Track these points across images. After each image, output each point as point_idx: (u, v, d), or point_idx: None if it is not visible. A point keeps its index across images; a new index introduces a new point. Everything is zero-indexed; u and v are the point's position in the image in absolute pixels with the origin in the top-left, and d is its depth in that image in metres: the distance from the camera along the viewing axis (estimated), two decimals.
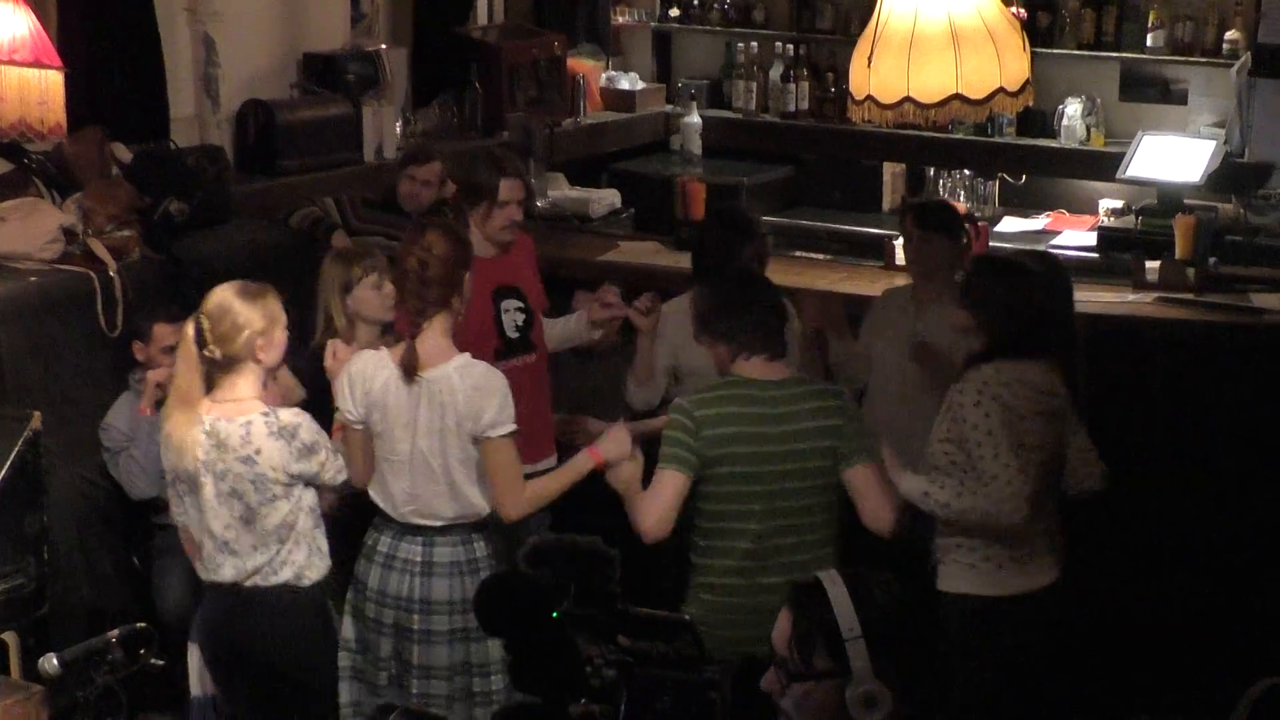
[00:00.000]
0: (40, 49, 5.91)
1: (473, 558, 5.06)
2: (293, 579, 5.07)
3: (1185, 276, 6.99)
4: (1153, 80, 8.69)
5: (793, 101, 9.39)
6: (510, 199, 5.86)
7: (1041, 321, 4.98)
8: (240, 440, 4.92)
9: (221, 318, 4.94)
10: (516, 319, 5.99)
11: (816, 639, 2.90)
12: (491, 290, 5.87)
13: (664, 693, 2.72)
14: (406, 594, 5.04)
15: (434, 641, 5.04)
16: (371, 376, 5.01)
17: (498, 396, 4.92)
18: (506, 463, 4.97)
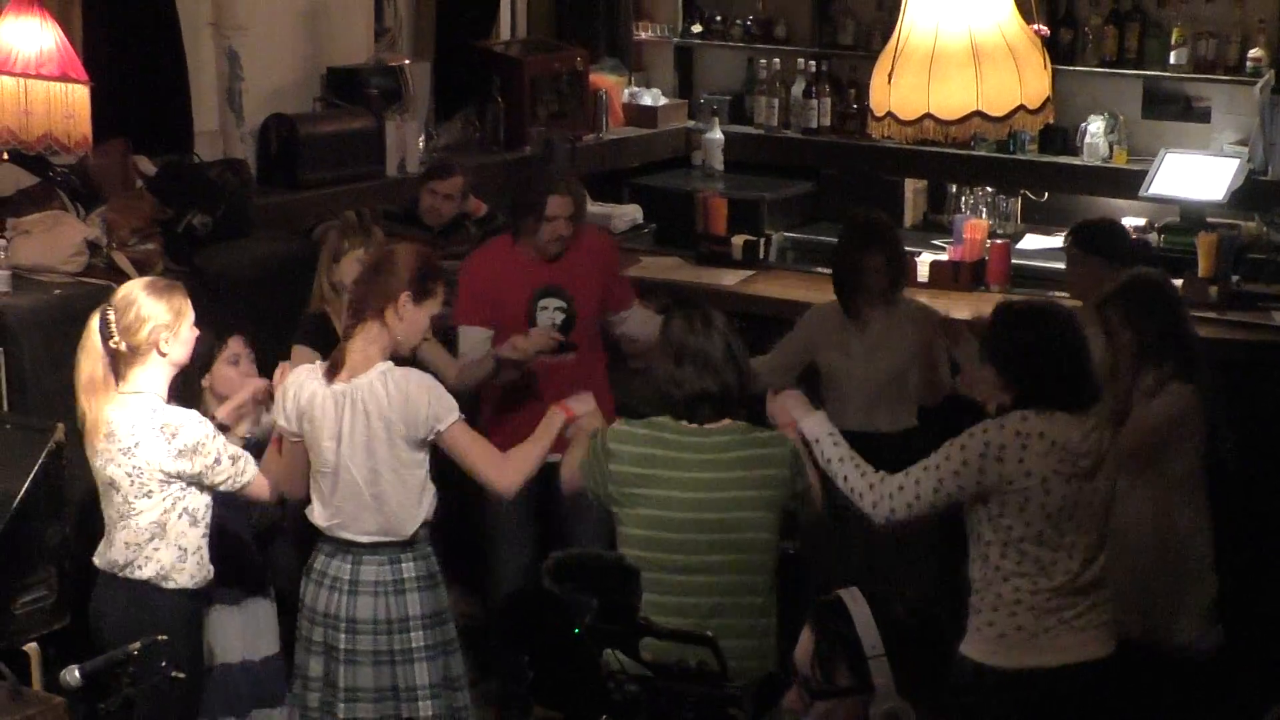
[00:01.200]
0: (67, 63, 5.93)
1: (399, 578, 5.03)
2: (155, 577, 5.08)
3: (1208, 294, 6.99)
4: (1175, 98, 8.67)
5: (814, 117, 9.39)
6: (557, 214, 6.14)
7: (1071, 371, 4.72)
8: (125, 432, 5.00)
9: (126, 309, 5.05)
10: (555, 318, 6.22)
11: (839, 657, 2.90)
12: (532, 290, 6.19)
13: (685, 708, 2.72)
14: (334, 612, 5.03)
15: (359, 662, 5.02)
16: (302, 386, 5.04)
17: (427, 394, 4.95)
18: (469, 444, 5.00)
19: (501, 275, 6.27)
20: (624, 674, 2.77)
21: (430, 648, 5.05)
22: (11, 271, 6.00)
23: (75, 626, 5.45)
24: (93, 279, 6.15)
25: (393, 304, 4.98)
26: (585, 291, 6.27)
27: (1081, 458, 4.64)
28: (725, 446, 4.73)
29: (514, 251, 6.31)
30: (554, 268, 6.25)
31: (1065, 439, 4.62)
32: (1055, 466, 4.61)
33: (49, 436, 5.30)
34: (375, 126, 7.89)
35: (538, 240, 6.20)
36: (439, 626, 5.09)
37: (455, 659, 5.14)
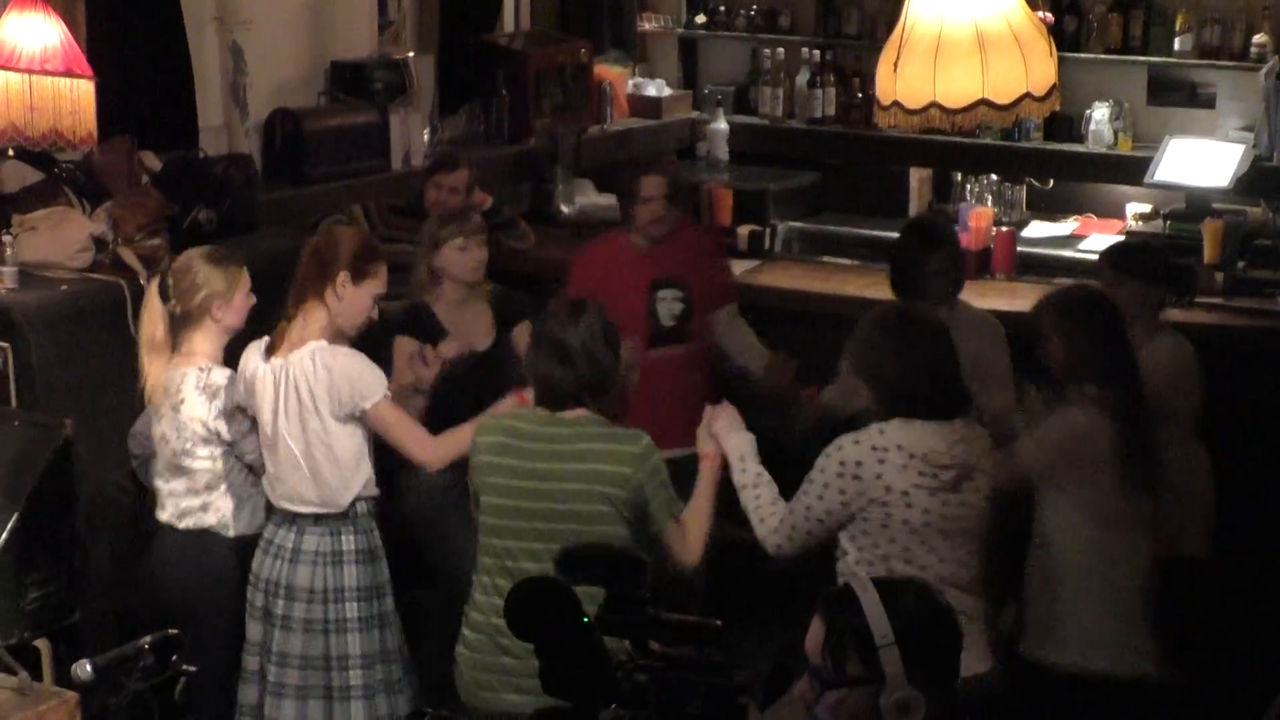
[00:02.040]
0: (71, 58, 5.94)
1: (338, 549, 5.17)
2: (216, 526, 5.34)
3: (1214, 281, 6.99)
4: (1180, 84, 8.67)
5: (819, 107, 9.39)
6: (652, 195, 6.24)
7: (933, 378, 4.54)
8: (174, 390, 5.25)
9: (183, 275, 5.30)
10: (674, 309, 6.30)
11: (849, 646, 2.90)
12: (648, 281, 6.25)
13: (694, 698, 2.72)
14: (274, 578, 5.18)
15: (291, 629, 5.16)
16: (248, 362, 5.21)
17: (352, 372, 5.07)
18: (393, 423, 5.13)
19: (612, 271, 6.28)
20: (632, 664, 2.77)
21: (364, 619, 5.17)
22: (18, 268, 6.02)
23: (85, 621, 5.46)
24: (99, 275, 6.17)
25: (331, 284, 5.12)
26: (699, 281, 6.32)
27: (944, 470, 4.47)
28: (572, 438, 4.67)
29: (624, 246, 6.39)
30: (667, 258, 6.30)
31: (926, 450, 4.46)
32: (915, 480, 4.46)
33: (58, 433, 5.32)
34: (380, 120, 7.89)
35: (637, 224, 6.28)
36: (375, 600, 5.21)
37: (390, 632, 5.25)
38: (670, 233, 6.31)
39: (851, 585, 2.98)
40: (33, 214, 6.22)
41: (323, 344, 5.11)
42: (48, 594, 5.28)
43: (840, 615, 2.93)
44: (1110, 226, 8.35)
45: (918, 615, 2.95)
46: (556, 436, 4.68)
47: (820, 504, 4.54)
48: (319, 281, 5.13)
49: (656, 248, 6.32)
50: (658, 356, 6.15)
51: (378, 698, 5.19)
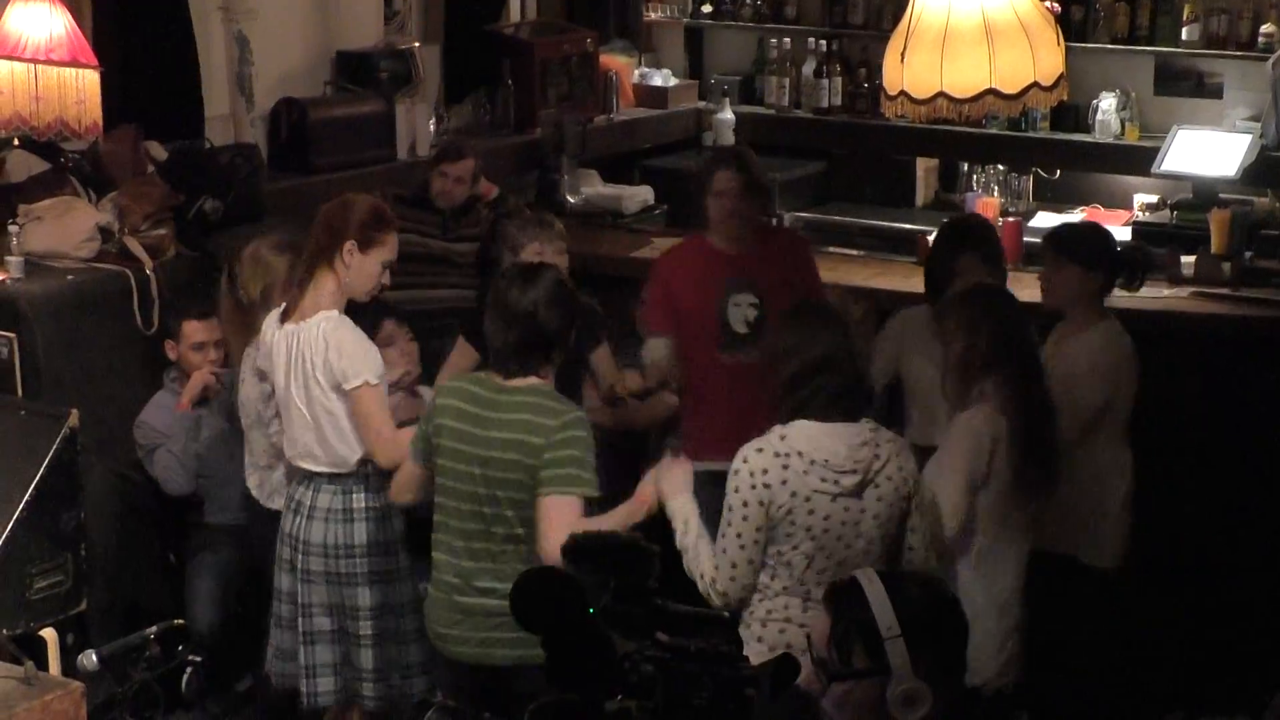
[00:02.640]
0: (77, 48, 5.93)
1: (349, 507, 5.29)
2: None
3: (1221, 271, 6.98)
4: (1187, 74, 8.65)
5: (825, 97, 9.37)
6: (724, 189, 5.98)
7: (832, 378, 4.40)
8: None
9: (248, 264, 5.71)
10: (748, 314, 6.03)
11: (855, 638, 2.90)
12: (723, 284, 6.00)
13: (701, 689, 2.71)
14: (295, 533, 5.33)
15: (313, 581, 5.32)
16: (267, 328, 5.36)
17: (348, 350, 5.15)
18: (365, 413, 5.18)
19: (689, 274, 6.10)
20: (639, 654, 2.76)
21: (374, 574, 5.29)
22: (24, 258, 6.01)
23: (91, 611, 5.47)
24: (105, 265, 6.16)
25: (339, 252, 5.20)
26: (776, 288, 5.94)
27: (845, 474, 4.35)
28: (509, 406, 4.75)
29: (703, 246, 6.13)
30: (744, 263, 6.01)
31: (827, 454, 4.35)
32: (817, 485, 4.34)
33: (63, 422, 5.31)
34: (385, 110, 7.89)
35: (711, 221, 6.03)
36: (384, 555, 5.32)
37: (399, 587, 5.36)
38: (747, 232, 6.04)
39: (858, 578, 2.98)
40: (38, 203, 6.21)
41: (333, 314, 5.19)
42: (54, 584, 5.28)
43: (846, 608, 2.93)
44: (1117, 217, 8.34)
45: (923, 607, 2.95)
46: (498, 404, 4.77)
47: (748, 525, 4.39)
48: (329, 250, 5.21)
49: (737, 250, 6.03)
50: (728, 362, 5.91)
51: (387, 645, 5.32)
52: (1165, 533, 6.10)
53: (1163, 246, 7.31)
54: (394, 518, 5.34)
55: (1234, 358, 6.50)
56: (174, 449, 5.97)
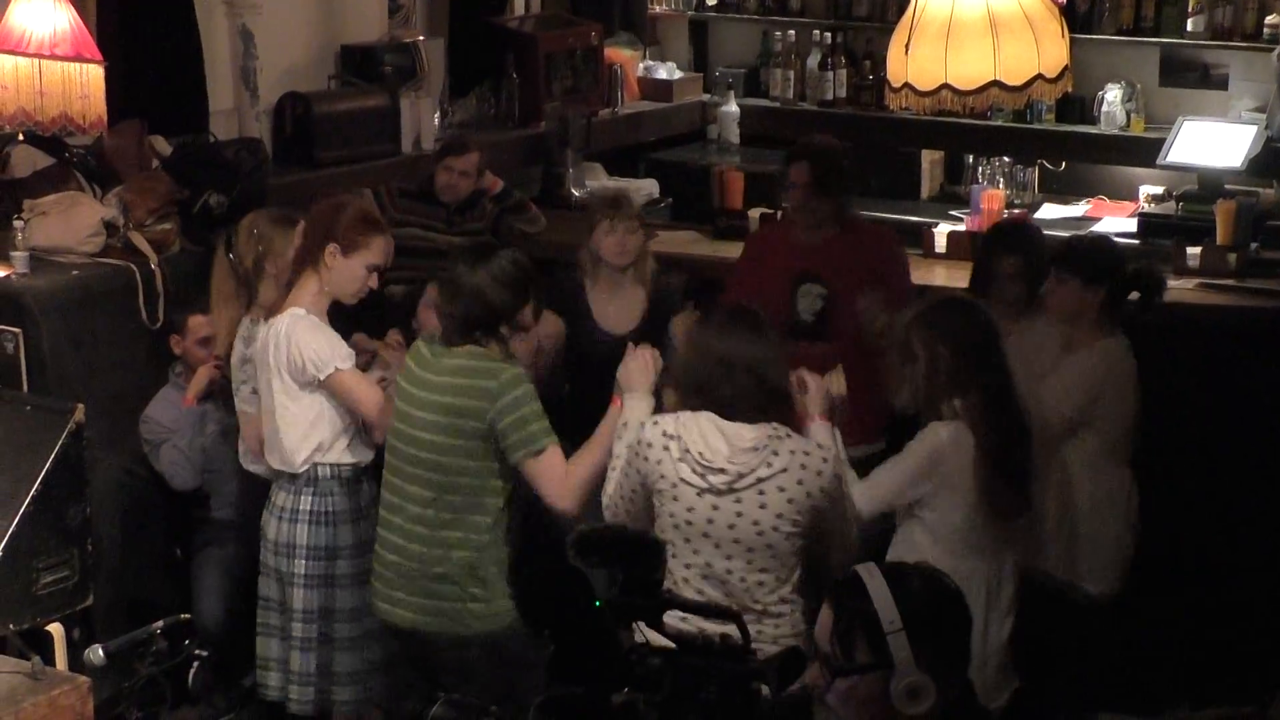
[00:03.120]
0: (81, 43, 5.93)
1: (296, 507, 5.35)
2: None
3: (1227, 262, 6.97)
4: (1193, 65, 8.63)
5: (830, 89, 9.36)
6: (795, 182, 6.17)
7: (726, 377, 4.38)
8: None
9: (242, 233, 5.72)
10: (814, 305, 6.17)
11: (857, 633, 2.90)
12: (794, 272, 6.16)
13: (708, 683, 2.71)
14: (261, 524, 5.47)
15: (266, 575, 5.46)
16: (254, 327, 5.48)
17: (310, 342, 5.20)
18: (347, 395, 5.25)
19: (768, 257, 6.32)
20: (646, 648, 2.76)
21: (310, 577, 5.34)
22: (29, 253, 6.01)
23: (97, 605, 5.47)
24: (110, 259, 6.16)
25: (323, 254, 5.25)
26: (845, 281, 6.07)
27: (716, 472, 4.31)
28: (446, 370, 4.87)
29: (784, 232, 6.39)
30: (818, 253, 6.15)
31: (704, 449, 4.33)
32: (686, 475, 4.35)
33: (69, 417, 5.31)
34: (390, 104, 7.88)
35: (788, 212, 6.34)
36: (324, 560, 5.35)
37: (338, 594, 5.37)
38: (824, 224, 6.16)
39: (859, 572, 2.98)
40: (43, 199, 6.21)
41: (299, 311, 5.24)
42: (60, 579, 5.28)
43: (848, 602, 2.92)
44: (1123, 208, 8.33)
45: (925, 600, 2.94)
46: (438, 368, 4.88)
47: (625, 480, 4.52)
48: (315, 251, 5.27)
49: (813, 240, 6.17)
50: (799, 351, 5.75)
51: (320, 649, 5.36)
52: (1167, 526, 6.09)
53: (1168, 238, 7.31)
54: (338, 524, 5.34)
55: (1240, 349, 6.48)
56: (180, 444, 5.97)
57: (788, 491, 4.33)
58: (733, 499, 4.32)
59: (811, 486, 4.36)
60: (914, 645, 2.86)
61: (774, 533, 4.34)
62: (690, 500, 4.35)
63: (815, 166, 6.14)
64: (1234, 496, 6.38)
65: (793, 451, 4.36)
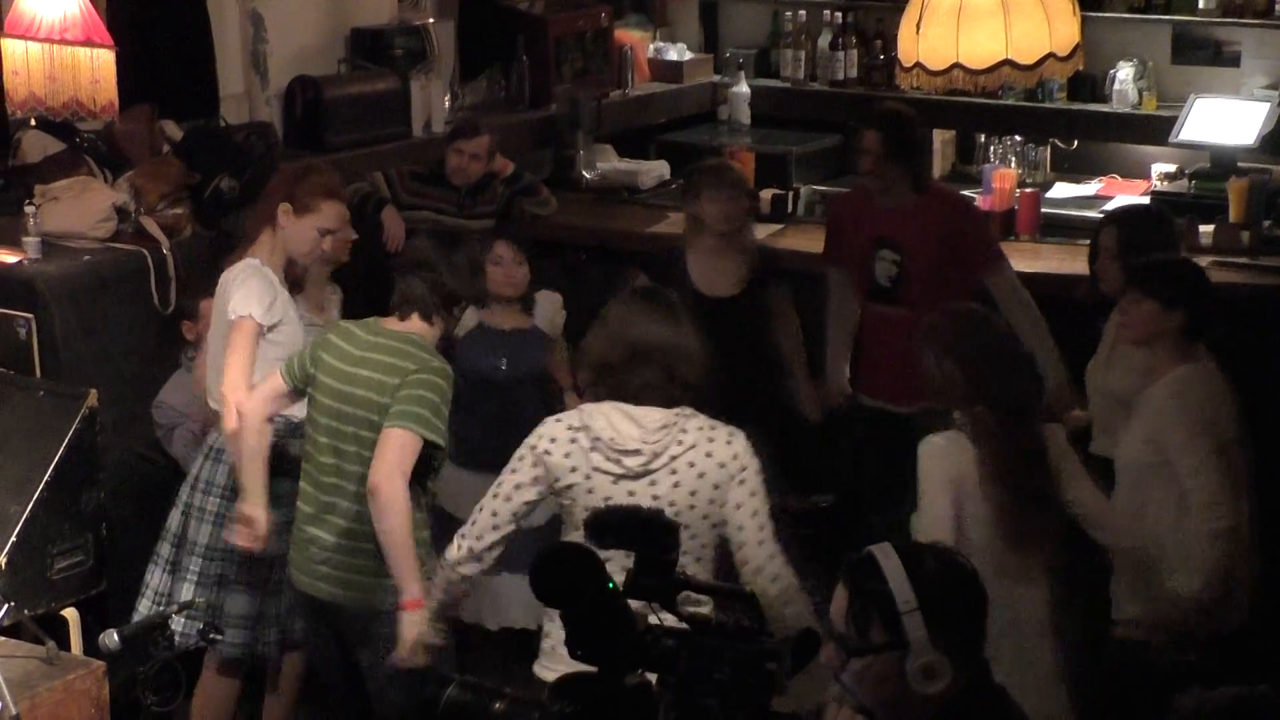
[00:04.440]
0: (91, 28, 5.93)
1: (220, 447, 5.43)
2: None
3: (1239, 240, 6.96)
4: (1205, 42, 8.61)
5: (841, 70, 9.34)
6: (867, 149, 6.27)
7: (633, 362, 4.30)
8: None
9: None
10: (890, 270, 6.30)
11: (872, 613, 2.89)
12: (873, 237, 6.31)
13: (722, 663, 2.71)
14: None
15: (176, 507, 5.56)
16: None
17: (245, 289, 5.31)
18: (231, 342, 5.30)
19: (850, 219, 6.51)
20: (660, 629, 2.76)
21: (219, 515, 5.40)
22: (40, 238, 6.02)
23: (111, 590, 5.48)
24: (121, 245, 6.17)
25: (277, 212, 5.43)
26: (920, 247, 6.21)
27: (629, 455, 4.23)
28: (383, 349, 4.93)
29: (865, 198, 6.47)
30: (894, 219, 6.27)
31: (614, 434, 4.24)
32: (599, 464, 4.25)
33: (82, 402, 5.32)
34: (400, 87, 7.87)
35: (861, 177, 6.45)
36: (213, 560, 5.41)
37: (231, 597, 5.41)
38: (899, 190, 6.27)
39: (874, 552, 2.97)
40: (55, 184, 6.22)
41: (253, 261, 5.39)
42: (75, 564, 5.30)
43: (863, 582, 2.92)
44: (1135, 186, 8.31)
45: (940, 580, 2.94)
46: (371, 345, 4.96)
47: (515, 479, 4.34)
48: (271, 209, 5.44)
49: (890, 205, 6.30)
50: (871, 313, 6.35)
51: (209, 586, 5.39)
52: None
53: (1181, 216, 7.29)
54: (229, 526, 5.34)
55: (1253, 326, 6.47)
56: (193, 428, 5.97)
57: (698, 466, 4.26)
58: (648, 481, 4.24)
59: (724, 458, 4.28)
60: (929, 625, 2.86)
61: (690, 511, 4.25)
62: (606, 489, 4.25)
63: (885, 133, 6.21)
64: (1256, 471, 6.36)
65: (700, 428, 4.27)
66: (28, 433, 5.32)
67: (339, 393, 4.93)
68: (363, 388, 4.88)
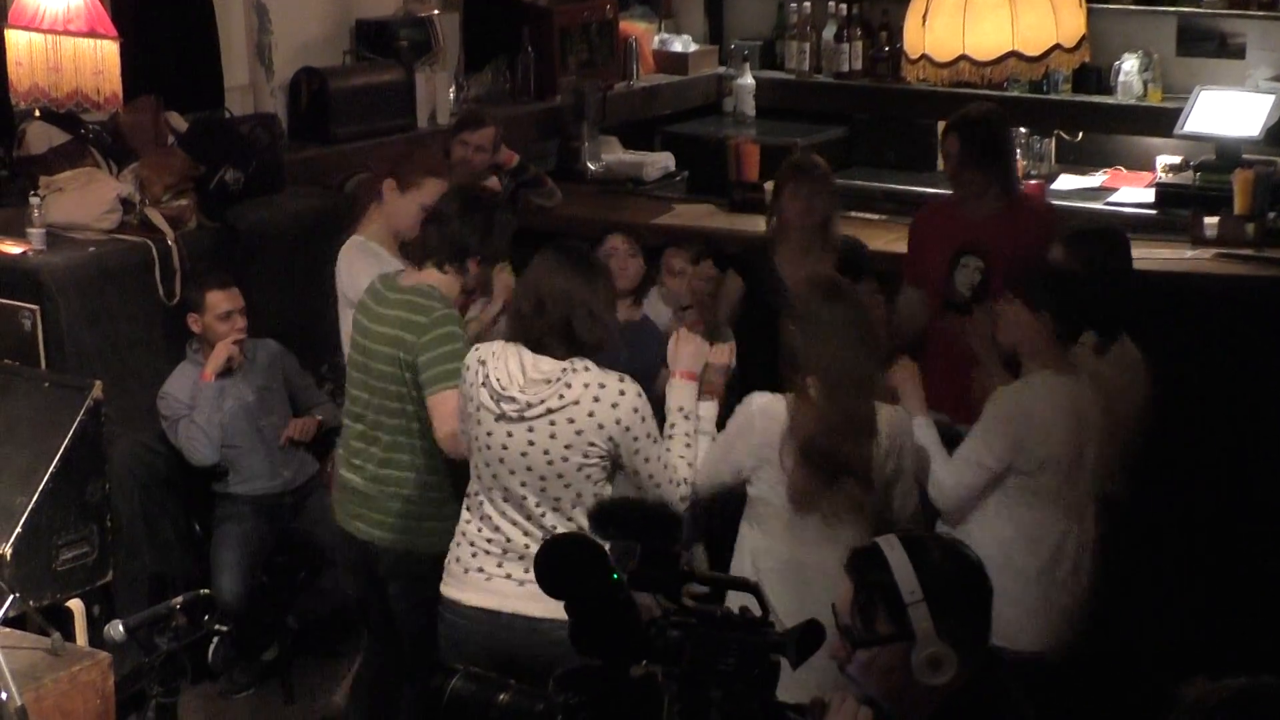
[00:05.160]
0: (95, 19, 5.92)
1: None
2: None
3: (1244, 232, 6.95)
4: (1210, 34, 8.60)
5: (846, 61, 9.33)
6: (950, 152, 6.21)
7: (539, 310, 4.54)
8: None
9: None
10: (972, 279, 6.09)
11: (878, 604, 2.90)
12: (957, 246, 6.10)
13: (727, 655, 2.71)
14: None
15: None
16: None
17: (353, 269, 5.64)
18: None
19: (931, 231, 6.31)
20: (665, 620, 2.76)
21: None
22: (45, 229, 6.02)
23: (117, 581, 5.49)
24: (126, 236, 6.16)
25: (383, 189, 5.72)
26: (1005, 256, 5.87)
27: (506, 400, 4.45)
28: (396, 304, 4.99)
29: (949, 208, 6.34)
30: (979, 225, 6.06)
31: (503, 375, 4.48)
32: (485, 400, 4.50)
33: (87, 394, 5.33)
34: (405, 79, 7.87)
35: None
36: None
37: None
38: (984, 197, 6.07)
39: (879, 543, 2.98)
40: (60, 175, 6.22)
41: (358, 239, 5.72)
42: (80, 555, 5.30)
43: (868, 573, 2.93)
44: (1140, 178, 8.31)
45: (946, 571, 2.94)
46: (387, 302, 5.01)
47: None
48: (378, 185, 5.77)
49: (975, 214, 6.08)
50: (943, 326, 5.93)
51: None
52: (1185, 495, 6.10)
53: (1186, 208, 7.29)
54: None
55: (1257, 318, 6.47)
56: (198, 419, 5.98)
57: (577, 423, 4.44)
58: (525, 427, 4.46)
59: (605, 419, 4.44)
60: (935, 616, 2.86)
61: (563, 463, 4.45)
62: (489, 425, 4.51)
63: (965, 138, 6.10)
64: (1252, 467, 6.37)
65: (586, 385, 4.45)
66: (33, 424, 5.33)
67: (366, 349, 5.02)
68: (384, 344, 4.95)
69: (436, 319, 4.90)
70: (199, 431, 5.99)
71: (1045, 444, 4.80)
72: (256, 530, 6.11)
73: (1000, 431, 4.82)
